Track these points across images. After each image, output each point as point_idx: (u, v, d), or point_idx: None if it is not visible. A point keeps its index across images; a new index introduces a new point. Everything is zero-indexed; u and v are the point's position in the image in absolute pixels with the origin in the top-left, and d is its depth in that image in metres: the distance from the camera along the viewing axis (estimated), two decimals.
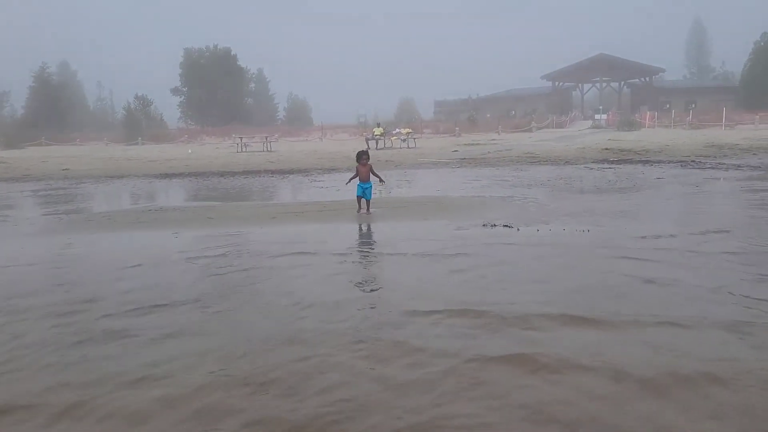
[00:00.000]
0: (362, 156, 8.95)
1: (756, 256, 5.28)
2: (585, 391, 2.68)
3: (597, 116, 58.97)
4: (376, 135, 32.15)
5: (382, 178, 9.23)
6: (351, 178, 9.12)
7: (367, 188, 8.71)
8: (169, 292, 4.55)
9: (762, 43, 67.31)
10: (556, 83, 75.47)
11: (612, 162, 18.56)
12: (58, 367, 3.14)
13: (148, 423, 2.52)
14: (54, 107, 71.40)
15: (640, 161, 18.51)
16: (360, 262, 5.63)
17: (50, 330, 3.74)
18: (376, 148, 30.10)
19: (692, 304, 3.88)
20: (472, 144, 30.71)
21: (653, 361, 2.95)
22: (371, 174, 8.83)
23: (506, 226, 7.08)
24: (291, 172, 18.85)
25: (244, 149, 32.33)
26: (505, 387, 2.75)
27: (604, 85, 74.55)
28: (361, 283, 4.86)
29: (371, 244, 6.62)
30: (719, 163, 16.97)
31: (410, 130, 34.20)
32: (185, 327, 3.74)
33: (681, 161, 18.12)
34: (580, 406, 2.55)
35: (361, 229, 7.63)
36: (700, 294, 4.08)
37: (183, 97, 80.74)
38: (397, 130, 35.91)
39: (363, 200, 8.72)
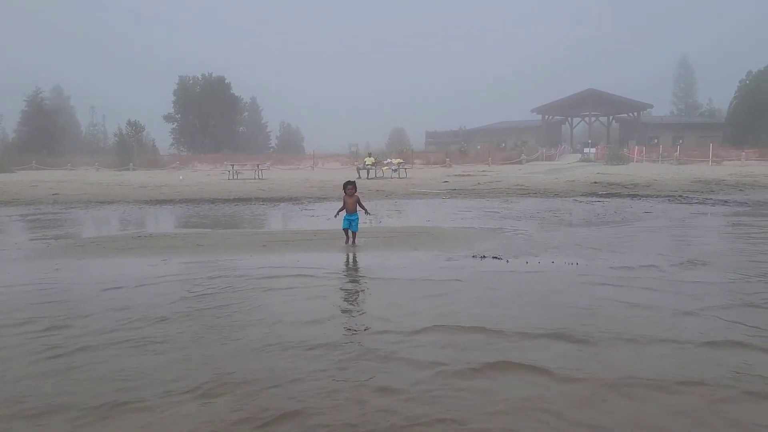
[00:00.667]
0: (348, 186, 8.89)
1: (732, 284, 5.54)
2: (562, 395, 3.02)
3: (586, 150, 59.56)
4: (368, 164, 32.31)
5: (368, 210, 9.26)
6: (339, 211, 8.97)
7: (353, 220, 8.67)
8: (153, 313, 4.64)
9: (747, 82, 68.82)
10: (546, 116, 76.49)
11: (601, 195, 18.72)
12: (39, 377, 3.39)
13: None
14: (46, 131, 71.36)
15: (629, 195, 18.67)
16: (348, 288, 5.68)
17: (27, 345, 3.91)
18: (368, 177, 30.23)
19: (665, 325, 4.23)
20: (463, 175, 30.91)
21: (630, 370, 3.34)
22: (358, 205, 8.83)
23: (495, 257, 7.13)
24: (282, 200, 18.84)
25: (235, 176, 32.34)
26: (487, 391, 3.07)
27: (593, 119, 75.57)
28: (347, 304, 4.98)
29: (361, 272, 6.63)
30: (706, 199, 17.16)
31: (401, 161, 34.37)
32: (167, 343, 3.89)
33: (669, 196, 18.30)
34: (556, 411, 2.85)
35: (350, 258, 7.63)
36: (675, 317, 4.43)
37: (176, 123, 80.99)
38: (389, 160, 36.12)
39: (349, 231, 8.70)
